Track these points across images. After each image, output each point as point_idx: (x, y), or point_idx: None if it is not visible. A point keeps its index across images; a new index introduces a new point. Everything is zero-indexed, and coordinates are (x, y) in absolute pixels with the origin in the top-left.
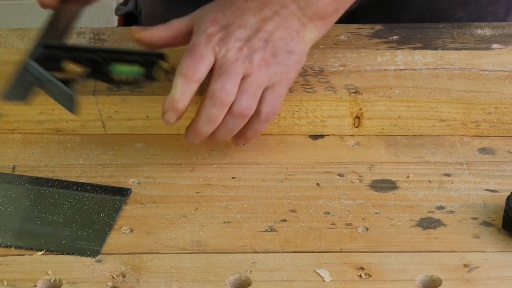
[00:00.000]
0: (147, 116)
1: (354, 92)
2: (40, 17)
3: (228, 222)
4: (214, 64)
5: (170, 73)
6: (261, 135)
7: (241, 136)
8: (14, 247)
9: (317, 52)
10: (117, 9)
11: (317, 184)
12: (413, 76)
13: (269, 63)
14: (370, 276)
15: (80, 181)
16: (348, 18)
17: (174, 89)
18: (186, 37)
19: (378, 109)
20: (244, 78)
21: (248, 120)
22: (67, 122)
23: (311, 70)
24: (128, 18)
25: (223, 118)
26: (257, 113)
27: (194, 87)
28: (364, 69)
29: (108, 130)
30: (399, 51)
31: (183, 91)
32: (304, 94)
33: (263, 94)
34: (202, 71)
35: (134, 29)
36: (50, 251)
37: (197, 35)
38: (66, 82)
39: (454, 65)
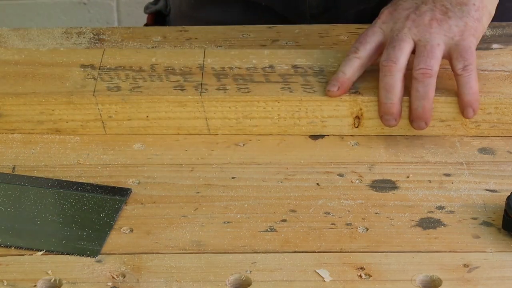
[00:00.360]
0: (147, 116)
1: (354, 92)
2: (40, 17)
3: (228, 222)
4: (384, 41)
5: None
6: (261, 135)
7: (460, 97)
8: (14, 247)
9: (317, 52)
10: (146, 7)
11: (317, 184)
12: None
13: (440, 20)
14: (370, 276)
15: (80, 181)
16: (372, 12)
17: (342, 63)
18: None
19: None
20: (417, 42)
21: (457, 86)
22: (67, 122)
23: (311, 70)
24: (157, 17)
25: (412, 86)
26: (454, 71)
27: (354, 62)
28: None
29: (108, 130)
30: None
31: (344, 64)
32: (304, 94)
33: (449, 53)
34: (363, 49)
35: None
36: (50, 251)
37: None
38: None
39: None
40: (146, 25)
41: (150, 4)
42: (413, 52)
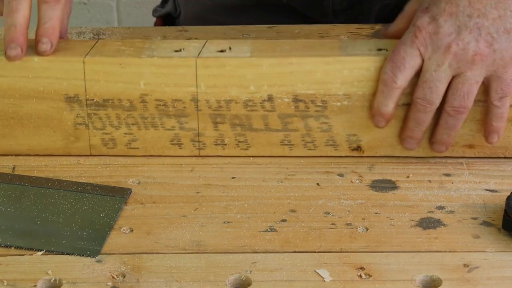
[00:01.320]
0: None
1: (356, 149)
2: None
3: (228, 222)
4: (422, 64)
5: None
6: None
7: (488, 128)
8: (14, 247)
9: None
10: (154, 11)
11: (317, 184)
12: None
13: (484, 55)
14: (370, 276)
15: (80, 181)
16: (395, 7)
17: (377, 95)
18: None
19: None
20: (455, 77)
21: (485, 111)
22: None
23: (313, 106)
24: (166, 19)
25: (442, 117)
26: (488, 101)
27: (395, 93)
28: None
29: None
30: None
31: (384, 97)
32: (305, 151)
33: (488, 80)
34: (402, 78)
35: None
36: (50, 251)
37: (409, 29)
38: None
39: None
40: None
41: (158, 7)
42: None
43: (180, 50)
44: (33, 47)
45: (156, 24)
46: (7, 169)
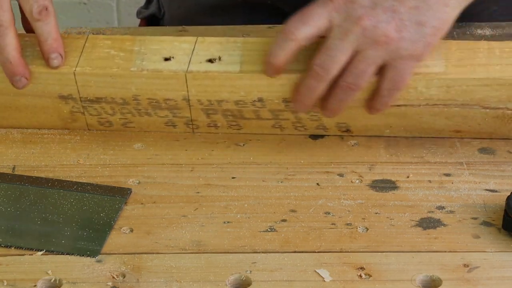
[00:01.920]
0: None
1: (346, 131)
2: None
3: (228, 222)
4: (329, 30)
5: None
6: (261, 134)
7: (371, 106)
8: (14, 247)
9: None
10: (138, 12)
11: (317, 184)
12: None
13: (391, 39)
14: (370, 276)
15: (80, 181)
16: None
17: (273, 43)
18: None
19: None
20: (357, 53)
21: (374, 93)
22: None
23: None
24: (150, 21)
25: (334, 88)
26: (378, 87)
27: (291, 45)
28: None
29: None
30: None
31: (279, 46)
32: (296, 132)
33: (384, 68)
34: (303, 32)
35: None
36: (50, 251)
37: None
38: None
39: None
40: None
41: (141, 8)
42: None
43: (170, 59)
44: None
45: (140, 26)
46: (7, 169)
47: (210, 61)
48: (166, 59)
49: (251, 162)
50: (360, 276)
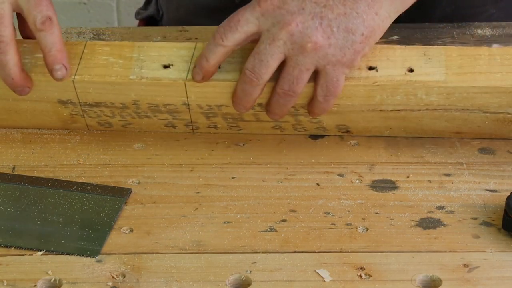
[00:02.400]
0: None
1: (345, 132)
2: None
3: (228, 222)
4: (258, 35)
5: None
6: (261, 134)
7: (310, 111)
8: (14, 247)
9: None
10: (137, 13)
11: (317, 184)
12: None
13: (319, 45)
14: (370, 276)
15: (80, 181)
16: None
17: (205, 47)
18: None
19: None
20: (287, 59)
21: (311, 98)
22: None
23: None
24: (149, 22)
25: (273, 95)
26: (314, 94)
27: (220, 50)
28: None
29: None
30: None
31: (209, 50)
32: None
33: (317, 75)
34: (231, 38)
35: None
36: (50, 251)
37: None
38: None
39: None
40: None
41: (140, 9)
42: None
43: (169, 66)
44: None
45: (139, 27)
46: (7, 169)
47: None
48: (165, 67)
49: (251, 162)
50: (360, 276)
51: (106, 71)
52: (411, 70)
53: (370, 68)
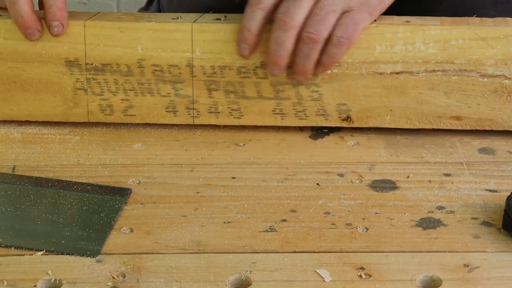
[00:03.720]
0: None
1: (346, 119)
2: None
3: (228, 222)
4: None
5: None
6: (261, 134)
7: (320, 62)
8: (14, 247)
9: None
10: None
11: (317, 184)
12: None
13: None
14: (370, 276)
15: (80, 181)
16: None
17: (243, 18)
18: None
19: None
20: (316, 2)
21: (325, 43)
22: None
23: None
24: None
25: (297, 45)
26: (330, 35)
27: (259, 14)
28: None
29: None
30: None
31: (248, 19)
32: (296, 120)
33: (339, 17)
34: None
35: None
36: (50, 251)
37: None
38: None
39: None
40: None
41: (142, 9)
42: None
43: (178, 18)
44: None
45: None
46: (7, 169)
47: (217, 19)
48: (174, 18)
49: (251, 162)
50: (360, 276)
51: (117, 19)
52: (408, 22)
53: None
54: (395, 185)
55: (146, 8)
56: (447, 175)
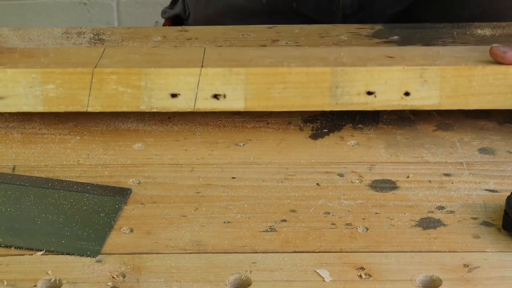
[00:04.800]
0: None
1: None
2: (40, 17)
3: (228, 222)
4: None
5: None
6: (261, 134)
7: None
8: (14, 247)
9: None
10: (163, 12)
11: (317, 184)
12: None
13: None
14: (370, 276)
15: (80, 181)
16: (404, 12)
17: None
18: None
19: None
20: None
21: None
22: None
23: None
24: (175, 21)
25: None
26: None
27: None
28: None
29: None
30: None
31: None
32: None
33: None
34: None
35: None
36: (50, 251)
37: None
38: None
39: None
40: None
41: (167, 8)
42: None
43: (177, 96)
44: None
45: (164, 25)
46: (7, 169)
47: (216, 97)
48: (173, 96)
49: (251, 162)
50: (360, 276)
51: (117, 101)
52: (407, 94)
53: (369, 93)
54: (395, 185)
55: (171, 8)
56: (447, 175)
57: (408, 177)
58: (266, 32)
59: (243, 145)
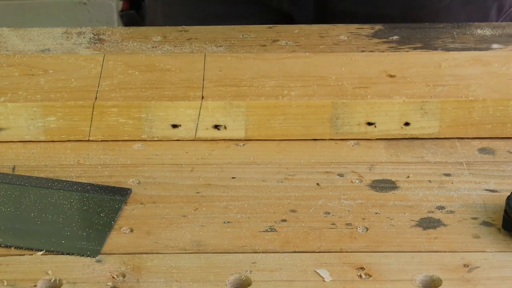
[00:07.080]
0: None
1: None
2: (40, 17)
3: (228, 222)
4: None
5: None
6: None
7: None
8: (14, 247)
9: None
10: None
11: (317, 184)
12: None
13: None
14: (370, 276)
15: (80, 181)
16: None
17: None
18: None
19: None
20: None
21: None
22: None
23: None
24: (133, 1)
25: None
26: None
27: None
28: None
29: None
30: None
31: None
32: None
33: None
34: None
35: None
36: (50, 251)
37: None
38: None
39: None
40: (121, 11)
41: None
42: None
43: (178, 126)
44: None
45: (122, 7)
46: (7, 169)
47: (216, 127)
48: (174, 126)
49: (251, 162)
50: (360, 276)
51: (118, 132)
52: (407, 124)
53: (369, 124)
54: (395, 185)
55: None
56: (447, 175)
57: (408, 177)
58: (266, 32)
59: (243, 145)
